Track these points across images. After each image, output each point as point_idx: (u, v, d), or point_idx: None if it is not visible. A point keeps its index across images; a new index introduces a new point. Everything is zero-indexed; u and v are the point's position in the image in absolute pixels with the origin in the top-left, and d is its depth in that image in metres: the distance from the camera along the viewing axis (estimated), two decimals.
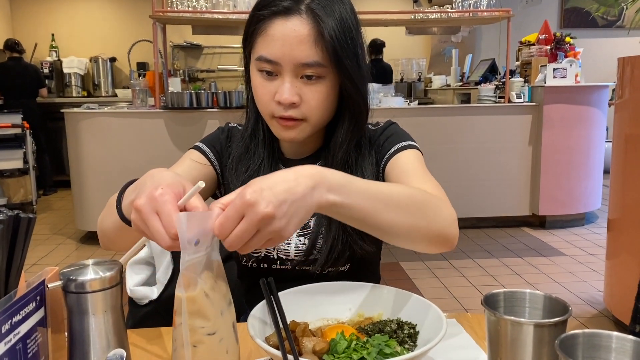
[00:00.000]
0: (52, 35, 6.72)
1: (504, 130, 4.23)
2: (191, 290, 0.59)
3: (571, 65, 4.13)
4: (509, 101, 4.26)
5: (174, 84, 4.26)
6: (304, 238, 1.00)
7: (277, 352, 0.64)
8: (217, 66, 7.08)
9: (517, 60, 4.79)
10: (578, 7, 7.00)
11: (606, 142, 4.28)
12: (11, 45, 5.59)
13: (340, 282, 0.87)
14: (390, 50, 6.28)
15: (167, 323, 0.93)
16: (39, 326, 0.60)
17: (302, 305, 0.83)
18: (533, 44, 4.54)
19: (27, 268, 0.89)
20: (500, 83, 4.52)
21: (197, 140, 1.09)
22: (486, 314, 0.68)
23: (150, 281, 1.11)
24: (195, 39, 6.70)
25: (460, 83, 5.58)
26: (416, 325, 0.78)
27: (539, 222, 4.36)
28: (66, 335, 0.65)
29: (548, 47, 4.39)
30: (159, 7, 4.05)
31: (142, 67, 6.47)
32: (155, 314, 1.07)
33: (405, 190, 0.78)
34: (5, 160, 4.80)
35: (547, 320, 0.64)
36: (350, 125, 0.96)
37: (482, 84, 4.59)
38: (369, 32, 4.70)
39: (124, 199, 0.77)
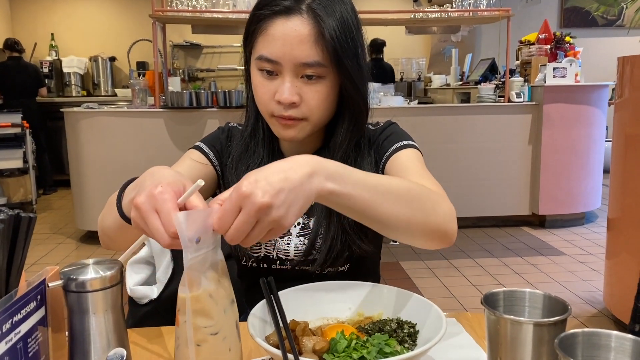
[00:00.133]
0: (52, 34, 6.71)
1: (503, 129, 4.22)
2: (195, 289, 0.59)
3: (571, 64, 4.13)
4: (509, 101, 4.26)
5: (174, 84, 4.26)
6: (304, 238, 1.00)
7: (277, 351, 0.64)
8: (216, 65, 7.08)
9: (517, 59, 4.79)
10: (578, 7, 7.00)
11: (606, 141, 4.27)
12: (11, 45, 5.58)
13: (341, 281, 0.87)
14: (390, 50, 6.28)
15: (168, 322, 0.93)
16: (39, 325, 0.60)
17: (302, 304, 0.83)
18: (533, 44, 4.53)
19: (27, 267, 0.89)
20: (500, 82, 4.52)
21: (197, 139, 1.09)
22: (486, 313, 0.68)
23: (150, 280, 1.11)
24: (195, 39, 6.70)
25: (460, 82, 5.57)
26: (416, 324, 0.78)
27: (538, 221, 4.36)
28: (67, 334, 0.65)
29: (548, 46, 4.38)
30: (159, 6, 4.05)
31: (141, 66, 6.47)
32: (156, 313, 1.07)
33: (404, 183, 0.78)
34: (5, 160, 4.80)
35: (546, 320, 0.64)
36: (350, 125, 0.96)
37: (482, 84, 4.58)
38: (369, 32, 4.70)
39: (124, 197, 0.77)
